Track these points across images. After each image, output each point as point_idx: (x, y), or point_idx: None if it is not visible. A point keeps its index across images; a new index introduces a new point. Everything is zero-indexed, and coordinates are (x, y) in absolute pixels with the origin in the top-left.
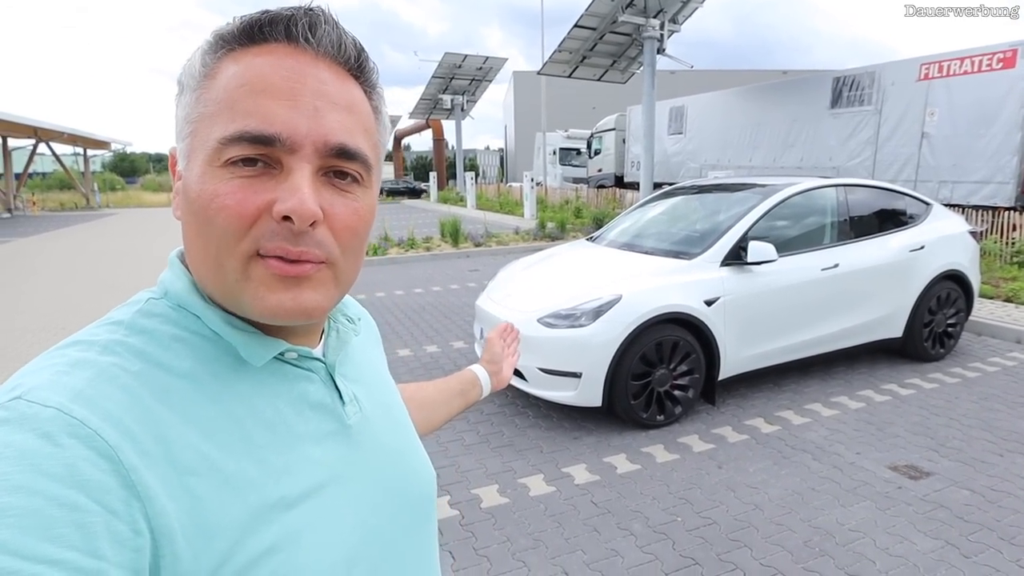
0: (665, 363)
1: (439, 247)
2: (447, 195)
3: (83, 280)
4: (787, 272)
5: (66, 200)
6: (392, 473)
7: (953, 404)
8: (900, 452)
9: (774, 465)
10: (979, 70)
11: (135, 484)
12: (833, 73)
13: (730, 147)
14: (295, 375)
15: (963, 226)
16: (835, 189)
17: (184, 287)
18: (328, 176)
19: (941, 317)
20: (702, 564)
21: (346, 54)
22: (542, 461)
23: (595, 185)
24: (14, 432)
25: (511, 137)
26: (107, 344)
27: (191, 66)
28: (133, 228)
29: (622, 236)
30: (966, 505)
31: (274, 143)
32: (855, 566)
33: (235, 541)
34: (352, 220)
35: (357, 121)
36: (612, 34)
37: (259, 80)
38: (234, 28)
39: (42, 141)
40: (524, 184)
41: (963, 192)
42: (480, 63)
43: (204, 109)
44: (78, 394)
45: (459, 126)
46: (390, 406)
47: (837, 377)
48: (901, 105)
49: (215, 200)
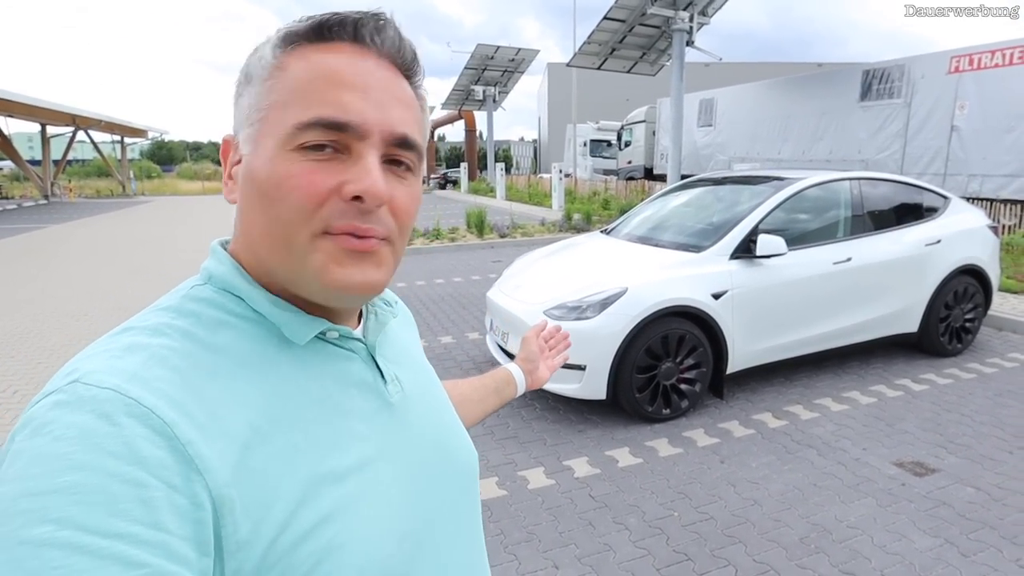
0: (671, 356)
1: (464, 238)
2: (478, 186)
3: (109, 266)
4: (797, 266)
5: (103, 187)
6: (434, 451)
7: (966, 400)
8: (907, 448)
9: (778, 460)
10: (1010, 63)
11: (193, 458)
12: (864, 65)
13: (759, 140)
14: (337, 355)
15: (982, 220)
16: (849, 183)
17: (228, 271)
18: (388, 164)
19: (958, 312)
20: (694, 560)
21: (404, 56)
22: (544, 454)
23: (625, 177)
24: (74, 413)
25: (544, 128)
26: (156, 327)
27: (261, 58)
28: (164, 215)
29: (635, 228)
30: (969, 503)
31: (347, 129)
32: (849, 563)
33: (291, 512)
34: (408, 203)
35: (413, 116)
36: (641, 26)
37: (333, 73)
38: (304, 27)
39: (80, 128)
40: (553, 175)
41: (993, 186)
42: (512, 54)
43: (277, 98)
44: (133, 375)
45: (490, 117)
46: (429, 388)
47: (850, 372)
48: (931, 98)
49: (288, 180)
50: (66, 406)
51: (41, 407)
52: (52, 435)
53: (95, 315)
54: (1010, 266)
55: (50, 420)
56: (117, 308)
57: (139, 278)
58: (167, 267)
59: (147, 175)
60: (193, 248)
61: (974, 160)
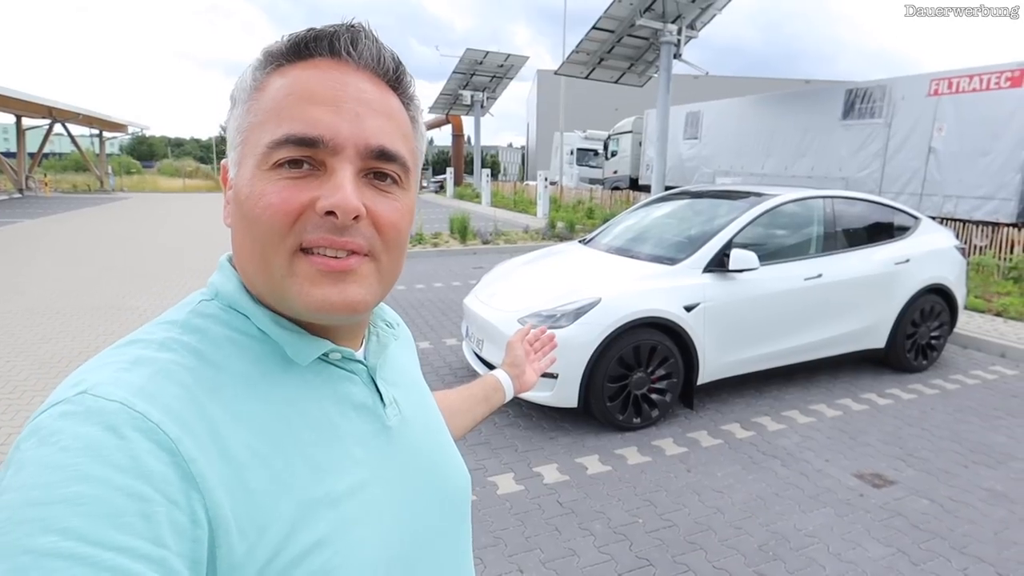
0: (643, 366)
1: (447, 243)
2: (463, 191)
3: (83, 263)
4: (769, 280)
5: (80, 182)
6: (429, 475)
7: (928, 415)
8: (868, 460)
9: (743, 470)
10: (987, 88)
11: (194, 476)
12: (847, 84)
13: (744, 154)
14: (339, 376)
15: (951, 241)
16: (822, 201)
17: (234, 288)
18: (368, 177)
19: (925, 329)
20: (656, 565)
21: (385, 67)
22: (515, 460)
23: (610, 187)
24: (81, 424)
25: (533, 135)
26: (164, 342)
27: (242, 81)
28: (142, 213)
29: (612, 240)
30: (923, 514)
31: (318, 145)
32: (805, 570)
33: (285, 535)
34: (394, 217)
35: (396, 127)
36: (630, 37)
37: (304, 89)
38: (282, 45)
39: (57, 121)
40: (538, 183)
41: (967, 207)
42: (501, 60)
43: (254, 119)
44: (140, 389)
45: (478, 122)
46: (426, 410)
47: (819, 385)
48: (911, 119)
49: (262, 199)
50: (73, 417)
51: (48, 416)
52: (59, 445)
53: (67, 313)
54: (979, 286)
55: (57, 430)
56: (90, 307)
57: (113, 276)
58: (142, 266)
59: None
60: (171, 248)
61: (950, 182)
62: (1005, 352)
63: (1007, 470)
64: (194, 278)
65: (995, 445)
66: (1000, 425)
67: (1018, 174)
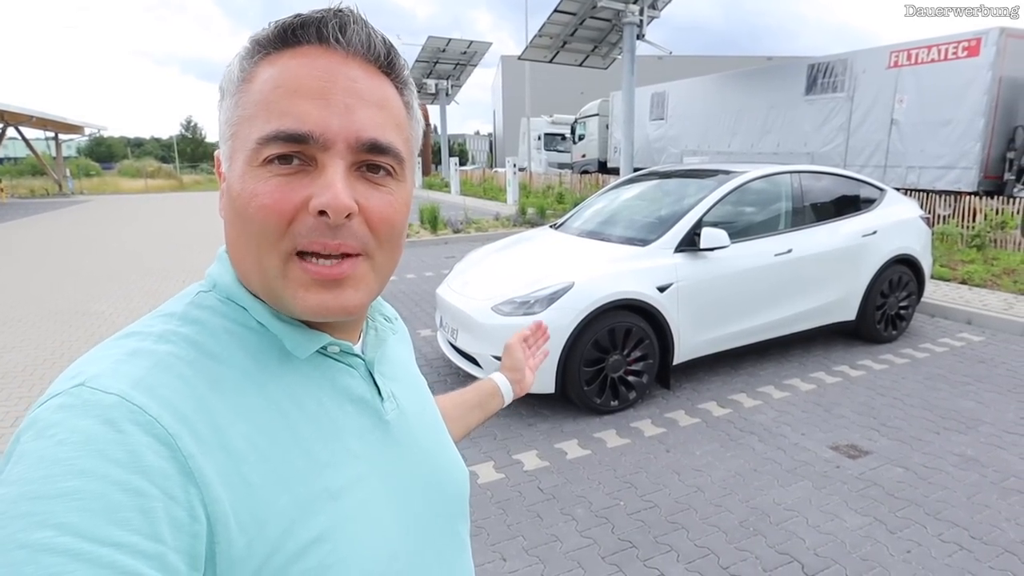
0: (619, 349)
1: (417, 234)
2: (432, 181)
3: (42, 269)
4: (740, 258)
5: (37, 187)
6: (427, 470)
7: (899, 384)
8: (843, 432)
9: (721, 448)
10: (945, 58)
11: (192, 471)
12: (809, 60)
13: (710, 133)
14: (337, 369)
15: (916, 211)
16: (789, 176)
17: (231, 280)
18: (361, 171)
19: (893, 300)
20: (638, 547)
21: (375, 52)
22: (494, 448)
23: (579, 171)
24: (79, 418)
25: (499, 122)
26: (162, 334)
27: (230, 72)
28: (102, 215)
29: (583, 223)
30: (898, 482)
31: (307, 141)
32: (785, 544)
33: (285, 529)
34: (387, 211)
35: (388, 116)
36: (592, 19)
37: (292, 81)
38: (269, 33)
39: (10, 125)
40: (507, 170)
41: (929, 177)
42: (464, 47)
43: (243, 112)
44: (138, 382)
45: (443, 111)
46: (424, 405)
47: (792, 360)
48: (872, 92)
49: (254, 200)
50: (71, 409)
51: (46, 409)
52: (56, 439)
53: (28, 320)
54: (943, 255)
55: (54, 423)
56: (52, 313)
57: (75, 281)
58: (104, 269)
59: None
60: (133, 250)
61: (912, 152)
62: (971, 319)
63: (976, 434)
64: (158, 280)
65: (964, 410)
66: (968, 391)
67: (977, 143)
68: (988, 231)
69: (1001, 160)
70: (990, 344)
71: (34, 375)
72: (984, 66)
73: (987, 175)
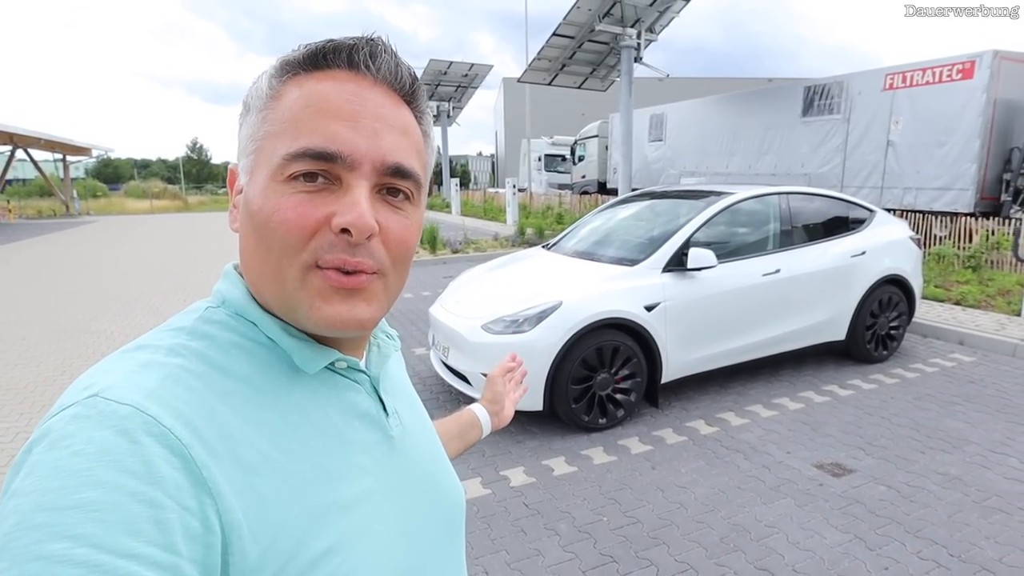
0: (606, 367)
1: (417, 254)
2: (433, 201)
3: (48, 289)
4: (727, 278)
5: (45, 207)
6: (428, 487)
7: (887, 404)
8: (828, 451)
9: (706, 465)
10: (940, 80)
11: (206, 481)
12: (806, 82)
13: (708, 154)
14: (344, 385)
15: (906, 232)
16: (778, 197)
17: (241, 295)
18: (382, 193)
19: (883, 320)
20: (619, 562)
21: (401, 81)
22: (482, 465)
23: (579, 191)
24: (94, 428)
25: (502, 143)
26: (172, 347)
27: (258, 88)
28: (109, 236)
29: (575, 243)
30: (880, 500)
31: (335, 160)
32: (764, 560)
33: (297, 541)
34: (404, 234)
35: (410, 143)
36: (591, 43)
37: (323, 101)
38: (300, 55)
39: (19, 147)
40: (507, 190)
41: (926, 198)
42: (465, 70)
43: (270, 128)
44: (151, 393)
45: (445, 133)
46: (422, 421)
47: (782, 379)
48: (868, 114)
49: (277, 213)
50: (85, 420)
51: (59, 420)
52: (71, 449)
53: (32, 339)
54: (939, 275)
55: (69, 433)
56: (56, 331)
57: (79, 300)
58: (108, 289)
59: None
60: (137, 270)
61: (908, 174)
62: (963, 339)
63: (962, 454)
64: (160, 299)
65: (951, 430)
66: (957, 411)
67: (973, 164)
68: (983, 252)
69: (998, 181)
70: (981, 364)
71: (36, 391)
72: (979, 88)
73: (984, 196)
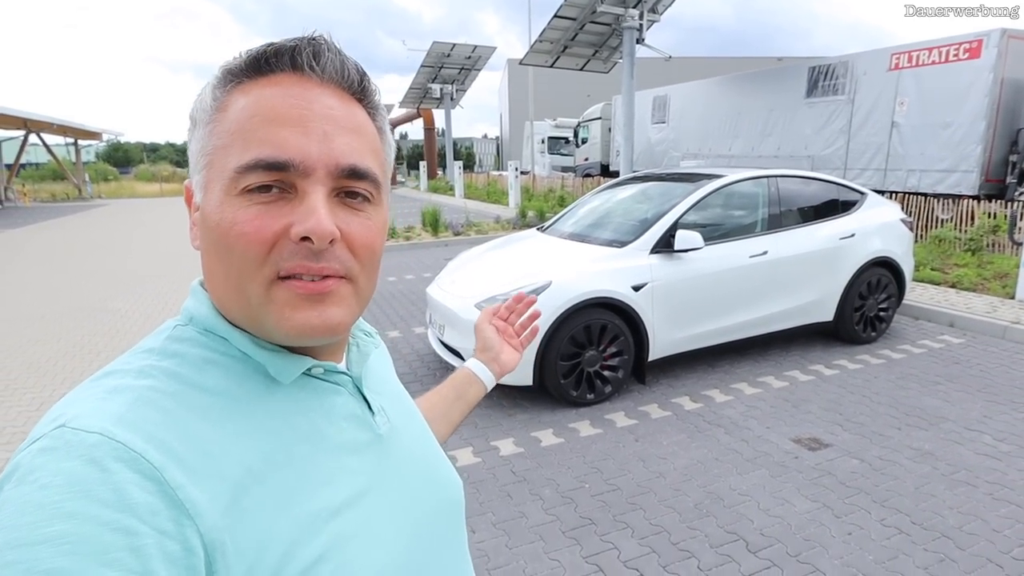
0: (595, 345)
1: (419, 236)
2: (437, 184)
3: (63, 269)
4: (714, 259)
5: (58, 191)
6: (423, 481)
7: (870, 383)
8: (807, 427)
9: (687, 438)
10: (946, 60)
11: (183, 502)
12: (810, 62)
13: (711, 136)
14: (324, 389)
15: (897, 215)
16: (767, 180)
17: (208, 311)
18: (340, 197)
19: (872, 302)
20: (597, 524)
21: (349, 79)
22: (474, 435)
23: (582, 174)
24: (62, 460)
25: (506, 125)
26: (141, 369)
27: (202, 101)
28: (120, 218)
29: (568, 226)
30: (852, 472)
31: (288, 168)
32: (735, 525)
33: (285, 552)
34: (368, 237)
35: (365, 142)
36: (593, 24)
37: (270, 109)
38: (241, 62)
39: (32, 132)
40: (509, 173)
41: (930, 181)
42: (469, 52)
43: (218, 141)
44: (119, 418)
45: (448, 115)
46: (412, 418)
47: (770, 358)
48: (872, 95)
49: (234, 228)
50: (52, 452)
51: (27, 454)
52: (39, 483)
53: (51, 317)
54: (937, 258)
55: (36, 467)
56: (73, 310)
57: (94, 280)
58: (122, 269)
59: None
60: (149, 250)
61: (912, 156)
62: (953, 322)
63: (937, 431)
64: (170, 280)
65: (929, 408)
66: (938, 390)
67: (979, 146)
68: (983, 235)
69: (1003, 163)
70: (969, 346)
71: (57, 365)
72: (986, 68)
73: (988, 178)
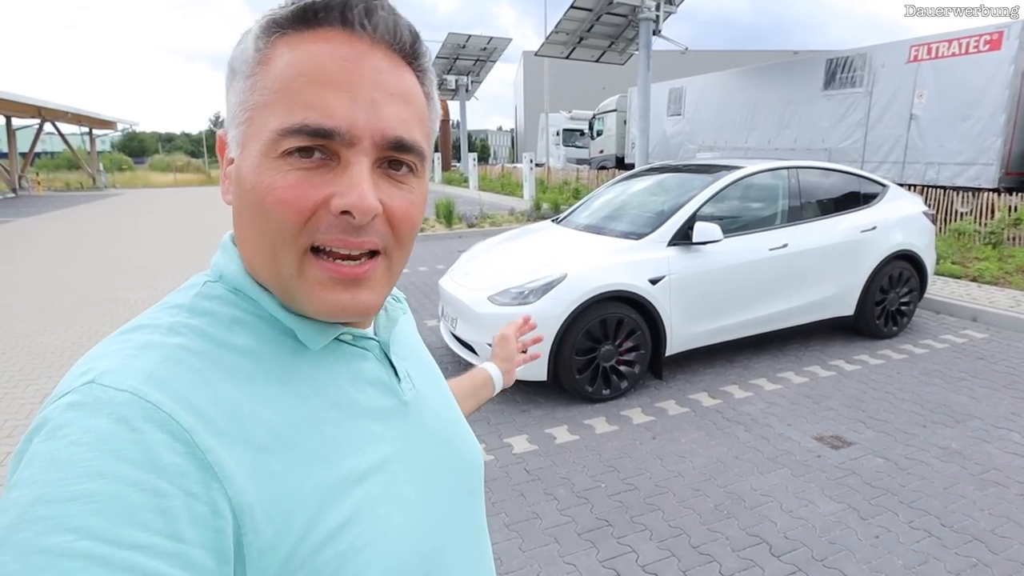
0: (611, 339)
1: (433, 228)
2: (451, 176)
3: (75, 259)
4: (733, 252)
5: (72, 180)
6: (446, 448)
7: (893, 379)
8: (829, 424)
9: (706, 436)
10: (966, 52)
11: (212, 465)
12: (828, 54)
13: (727, 128)
14: (352, 353)
15: (919, 207)
16: (787, 171)
17: (238, 270)
18: (384, 167)
19: (894, 296)
20: (614, 525)
21: (401, 40)
22: (487, 432)
23: (597, 166)
24: (91, 417)
25: (521, 117)
26: (171, 326)
27: (244, 51)
28: (134, 208)
29: (583, 217)
30: (877, 472)
31: (333, 136)
32: (757, 527)
33: (312, 515)
34: (408, 211)
35: (412, 111)
36: (609, 15)
37: (317, 69)
38: (287, 12)
39: (47, 121)
40: (524, 165)
41: (949, 174)
42: (484, 43)
43: (260, 98)
44: (150, 376)
45: (463, 107)
46: (436, 383)
47: (789, 353)
48: (891, 87)
49: (272, 193)
50: (82, 408)
51: (56, 408)
52: (69, 439)
53: (60, 307)
54: (958, 252)
55: (66, 423)
56: (83, 300)
57: (105, 270)
58: (134, 259)
59: (118, 167)
60: (161, 241)
61: (931, 148)
62: (976, 316)
63: (964, 428)
64: (183, 270)
65: (955, 405)
66: (963, 386)
67: (999, 138)
68: (1004, 228)
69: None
70: (993, 341)
71: (63, 356)
72: (1006, 60)
73: (1008, 171)
